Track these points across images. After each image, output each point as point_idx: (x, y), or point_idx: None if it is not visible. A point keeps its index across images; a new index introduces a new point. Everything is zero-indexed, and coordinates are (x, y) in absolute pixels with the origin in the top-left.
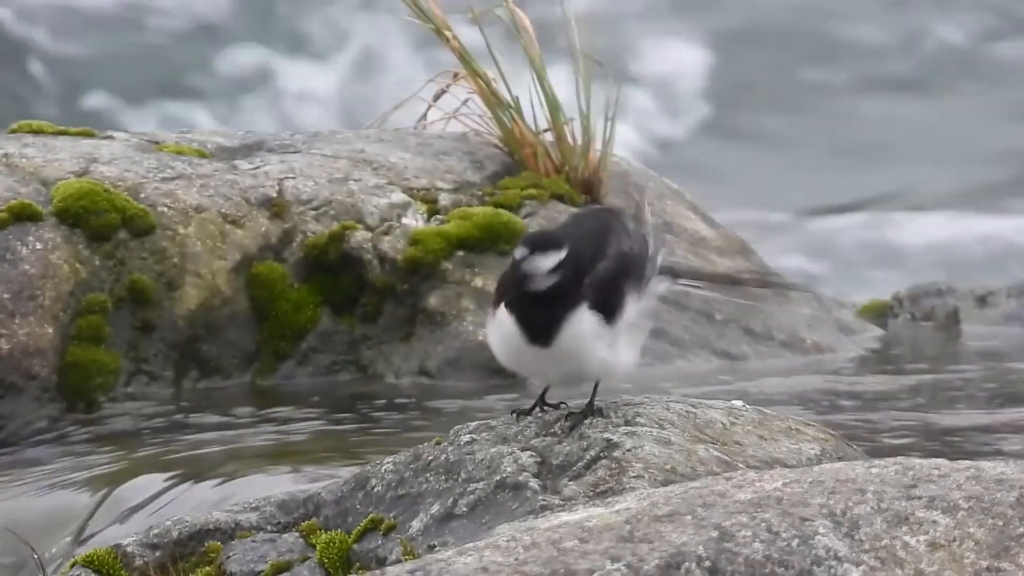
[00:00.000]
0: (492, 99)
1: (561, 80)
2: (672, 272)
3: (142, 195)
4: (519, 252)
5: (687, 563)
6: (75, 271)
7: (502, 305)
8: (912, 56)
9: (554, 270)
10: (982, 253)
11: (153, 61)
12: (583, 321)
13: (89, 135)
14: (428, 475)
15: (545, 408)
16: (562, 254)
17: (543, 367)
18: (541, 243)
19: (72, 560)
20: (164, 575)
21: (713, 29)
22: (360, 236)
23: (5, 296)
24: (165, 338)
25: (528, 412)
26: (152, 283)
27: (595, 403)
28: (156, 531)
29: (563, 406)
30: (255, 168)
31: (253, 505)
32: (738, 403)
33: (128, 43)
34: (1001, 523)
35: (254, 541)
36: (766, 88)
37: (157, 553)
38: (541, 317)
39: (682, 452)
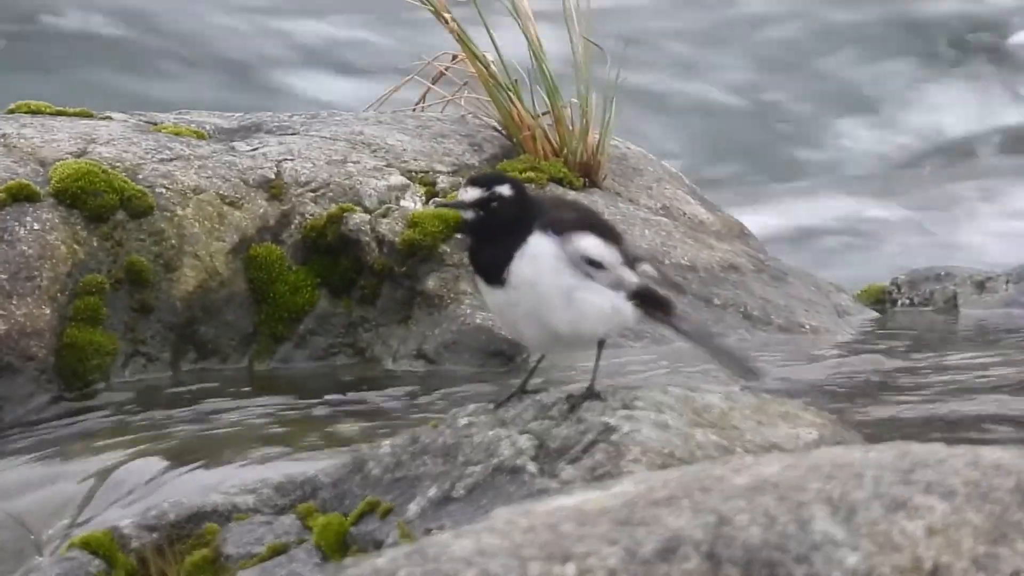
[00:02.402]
0: (491, 82)
1: (560, 62)
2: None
3: (140, 176)
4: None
5: (684, 547)
6: (73, 252)
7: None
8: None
9: (481, 202)
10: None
11: None
12: (535, 247)
13: (87, 115)
14: (426, 458)
15: (523, 396)
16: (497, 188)
17: (512, 316)
18: (472, 179)
19: (69, 542)
20: (161, 557)
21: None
22: (358, 218)
23: (2, 277)
24: (163, 320)
25: (505, 401)
26: (150, 265)
27: (594, 387)
28: (153, 513)
29: (545, 391)
30: (253, 150)
31: (250, 487)
32: (736, 387)
33: None
34: (999, 509)
35: (251, 523)
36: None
37: (154, 535)
38: (488, 253)
39: (680, 436)
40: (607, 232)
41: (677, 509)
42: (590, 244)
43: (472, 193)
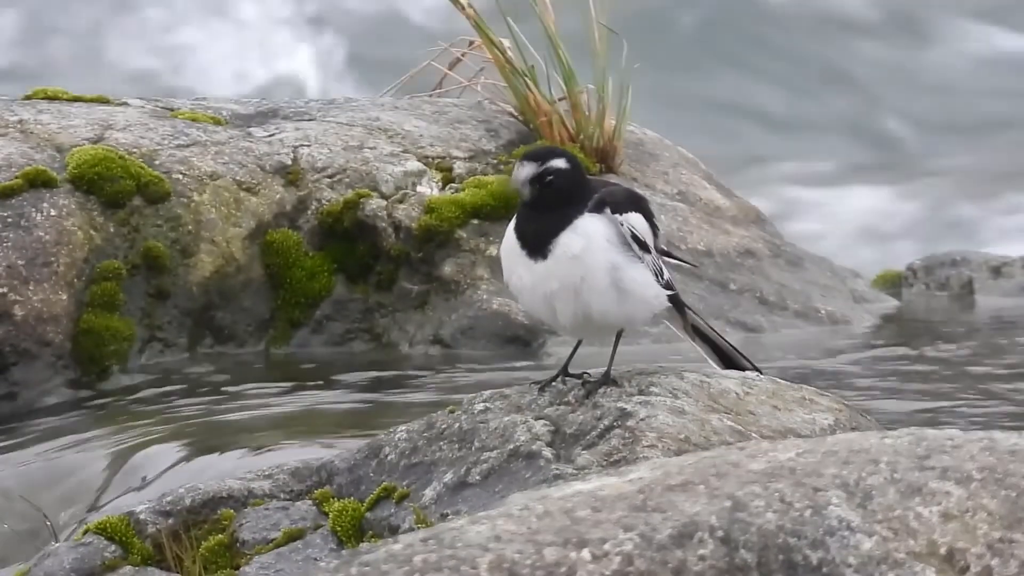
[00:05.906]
0: (507, 68)
1: (576, 48)
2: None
3: (157, 162)
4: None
5: (700, 533)
6: (89, 238)
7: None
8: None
9: (538, 178)
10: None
11: None
12: (587, 223)
13: (104, 101)
14: (441, 444)
15: (567, 380)
16: (553, 163)
17: (545, 291)
18: (527, 154)
19: (85, 527)
20: (177, 542)
21: None
22: (375, 204)
23: (19, 262)
24: (179, 305)
25: (549, 383)
26: (166, 250)
27: (611, 373)
28: (169, 499)
29: (587, 375)
30: (270, 135)
31: (266, 473)
32: (752, 373)
33: None
34: (1014, 494)
35: (267, 509)
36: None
37: (170, 520)
38: (536, 226)
39: (696, 422)
40: (652, 217)
41: (693, 495)
42: (640, 223)
43: (528, 169)
